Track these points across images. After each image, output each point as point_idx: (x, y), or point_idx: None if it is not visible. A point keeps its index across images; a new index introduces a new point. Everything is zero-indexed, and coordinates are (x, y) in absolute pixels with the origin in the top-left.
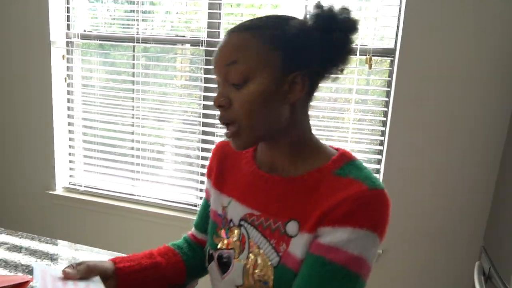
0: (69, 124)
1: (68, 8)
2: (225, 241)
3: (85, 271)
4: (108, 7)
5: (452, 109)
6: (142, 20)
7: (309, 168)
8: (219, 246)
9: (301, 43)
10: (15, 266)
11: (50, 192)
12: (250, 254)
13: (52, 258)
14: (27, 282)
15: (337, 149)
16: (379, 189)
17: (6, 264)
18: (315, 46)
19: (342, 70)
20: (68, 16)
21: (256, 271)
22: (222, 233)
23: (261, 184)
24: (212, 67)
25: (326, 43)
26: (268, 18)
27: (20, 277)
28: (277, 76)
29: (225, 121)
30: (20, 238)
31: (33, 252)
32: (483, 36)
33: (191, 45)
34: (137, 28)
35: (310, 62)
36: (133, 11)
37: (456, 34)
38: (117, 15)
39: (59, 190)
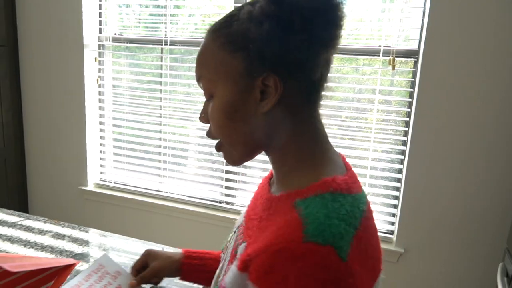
0: (100, 123)
1: (100, 12)
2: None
3: (150, 277)
4: (135, 11)
5: (476, 111)
6: (170, 23)
7: (285, 188)
8: (223, 248)
9: (251, 36)
10: (60, 252)
11: (83, 187)
12: (220, 265)
13: (92, 245)
14: (73, 265)
15: (347, 170)
16: (321, 245)
17: (52, 249)
18: (266, 36)
19: (327, 64)
20: (100, 21)
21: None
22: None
23: (261, 195)
24: None
25: (284, 26)
26: (230, 12)
27: (67, 260)
28: (242, 84)
29: (209, 137)
30: (62, 227)
31: (75, 240)
32: (506, 38)
33: None
34: (165, 31)
35: (270, 56)
36: (161, 14)
37: (479, 36)
38: (145, 19)
39: (90, 186)
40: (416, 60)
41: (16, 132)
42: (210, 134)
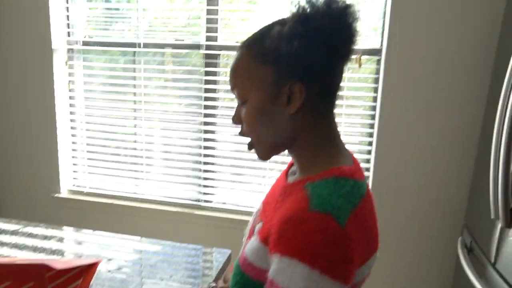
0: (72, 128)
1: (68, 16)
2: None
3: None
4: (104, 14)
5: (434, 100)
6: (145, 27)
7: (301, 177)
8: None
9: (282, 52)
10: (52, 252)
11: (56, 195)
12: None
13: (81, 243)
14: (97, 263)
15: (353, 163)
16: (322, 213)
17: (61, 253)
18: (295, 52)
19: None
20: (68, 24)
21: None
22: None
23: (279, 184)
24: None
25: (310, 43)
26: (260, 30)
27: (90, 259)
28: (271, 91)
29: (241, 135)
30: (46, 228)
31: (61, 239)
32: (463, 33)
33: (190, 49)
34: (137, 34)
35: (299, 68)
36: (135, 18)
37: (438, 32)
38: (117, 21)
39: (64, 193)
40: (379, 58)
41: None
42: (242, 133)
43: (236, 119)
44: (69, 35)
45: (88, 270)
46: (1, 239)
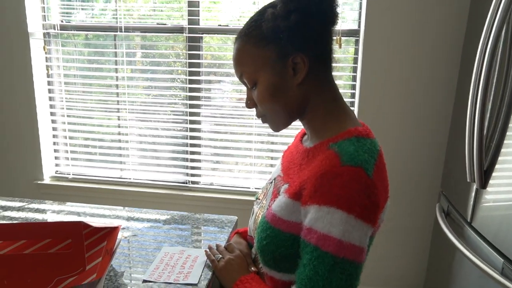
0: (52, 114)
1: None
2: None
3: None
4: None
5: (408, 77)
6: (124, 10)
7: (319, 140)
8: (257, 196)
9: (281, 28)
10: None
11: (38, 182)
12: (258, 207)
13: (93, 215)
14: (118, 227)
15: (362, 124)
16: (353, 166)
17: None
18: (294, 25)
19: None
20: (43, 8)
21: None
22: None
23: (296, 152)
24: None
25: (304, 14)
26: (251, 18)
27: (111, 224)
28: (277, 67)
29: (258, 116)
30: (71, 206)
31: (71, 212)
32: (435, 13)
33: (173, 32)
34: (118, 17)
35: (299, 40)
36: (112, 2)
37: (412, 13)
38: (96, 6)
39: (47, 180)
40: (357, 38)
41: None
42: (258, 114)
43: (250, 103)
44: (44, 20)
45: (111, 233)
46: (9, 215)
